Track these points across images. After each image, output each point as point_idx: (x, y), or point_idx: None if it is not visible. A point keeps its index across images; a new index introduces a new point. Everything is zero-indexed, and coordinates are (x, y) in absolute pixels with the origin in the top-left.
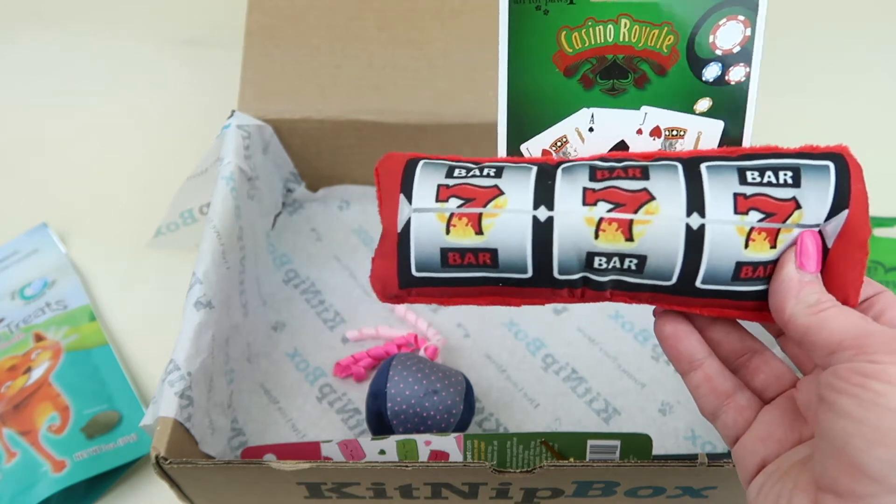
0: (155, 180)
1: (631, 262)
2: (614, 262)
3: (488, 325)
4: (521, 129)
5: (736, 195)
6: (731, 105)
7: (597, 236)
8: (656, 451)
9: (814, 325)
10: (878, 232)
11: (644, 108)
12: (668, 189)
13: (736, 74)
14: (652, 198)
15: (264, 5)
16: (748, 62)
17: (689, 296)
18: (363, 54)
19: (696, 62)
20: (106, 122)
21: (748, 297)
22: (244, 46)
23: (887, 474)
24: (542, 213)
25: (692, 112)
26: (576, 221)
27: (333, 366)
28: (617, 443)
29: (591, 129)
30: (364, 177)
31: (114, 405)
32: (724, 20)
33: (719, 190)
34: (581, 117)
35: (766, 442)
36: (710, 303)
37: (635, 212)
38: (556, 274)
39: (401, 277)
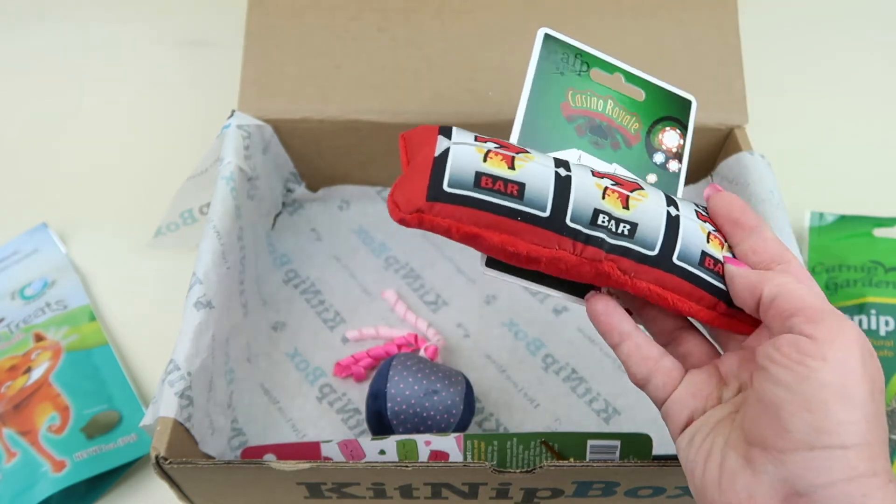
0: (155, 180)
1: (625, 227)
2: (612, 225)
3: (488, 325)
4: (527, 145)
5: (696, 210)
6: (668, 185)
7: (604, 197)
8: (656, 451)
9: (784, 292)
10: (878, 232)
11: (615, 165)
12: (653, 191)
13: (673, 166)
14: (642, 188)
15: (264, 5)
16: (680, 160)
17: (666, 270)
18: (363, 54)
19: (650, 147)
20: (106, 122)
21: (706, 287)
22: (244, 46)
23: (807, 434)
24: (563, 172)
25: (645, 181)
26: (589, 183)
27: (333, 366)
28: (617, 443)
29: None
30: (364, 177)
31: (114, 405)
32: (668, 128)
33: (685, 204)
34: (572, 154)
35: (695, 397)
36: (679, 284)
37: (631, 192)
38: (568, 220)
39: (430, 190)
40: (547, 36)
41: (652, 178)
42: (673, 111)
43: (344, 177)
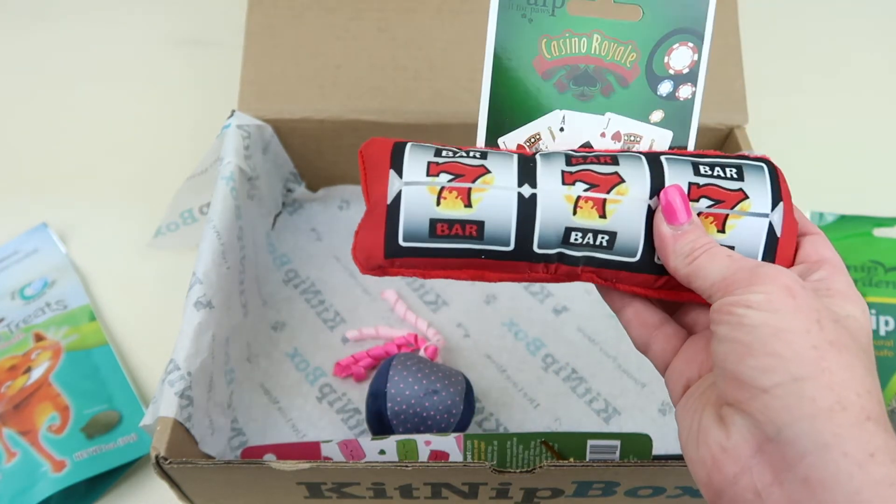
0: (155, 180)
1: (603, 238)
2: (588, 238)
3: (488, 325)
4: (500, 123)
5: (690, 184)
6: (679, 118)
7: (575, 212)
8: (656, 451)
9: (691, 273)
10: (878, 232)
11: (608, 115)
12: (635, 173)
13: (684, 92)
14: (622, 180)
15: (264, 5)
16: (694, 83)
17: (650, 273)
18: (363, 54)
19: (653, 78)
20: (106, 122)
21: None
22: (244, 46)
23: (756, 377)
24: (527, 191)
25: (648, 121)
26: (556, 199)
27: (333, 366)
28: (617, 443)
29: (561, 129)
30: None
31: (114, 405)
32: (677, 45)
33: (677, 178)
34: (554, 118)
35: (690, 364)
36: (666, 282)
37: (608, 192)
38: (535, 248)
39: (387, 247)
40: None
41: (657, 115)
42: (683, 20)
43: (344, 177)
